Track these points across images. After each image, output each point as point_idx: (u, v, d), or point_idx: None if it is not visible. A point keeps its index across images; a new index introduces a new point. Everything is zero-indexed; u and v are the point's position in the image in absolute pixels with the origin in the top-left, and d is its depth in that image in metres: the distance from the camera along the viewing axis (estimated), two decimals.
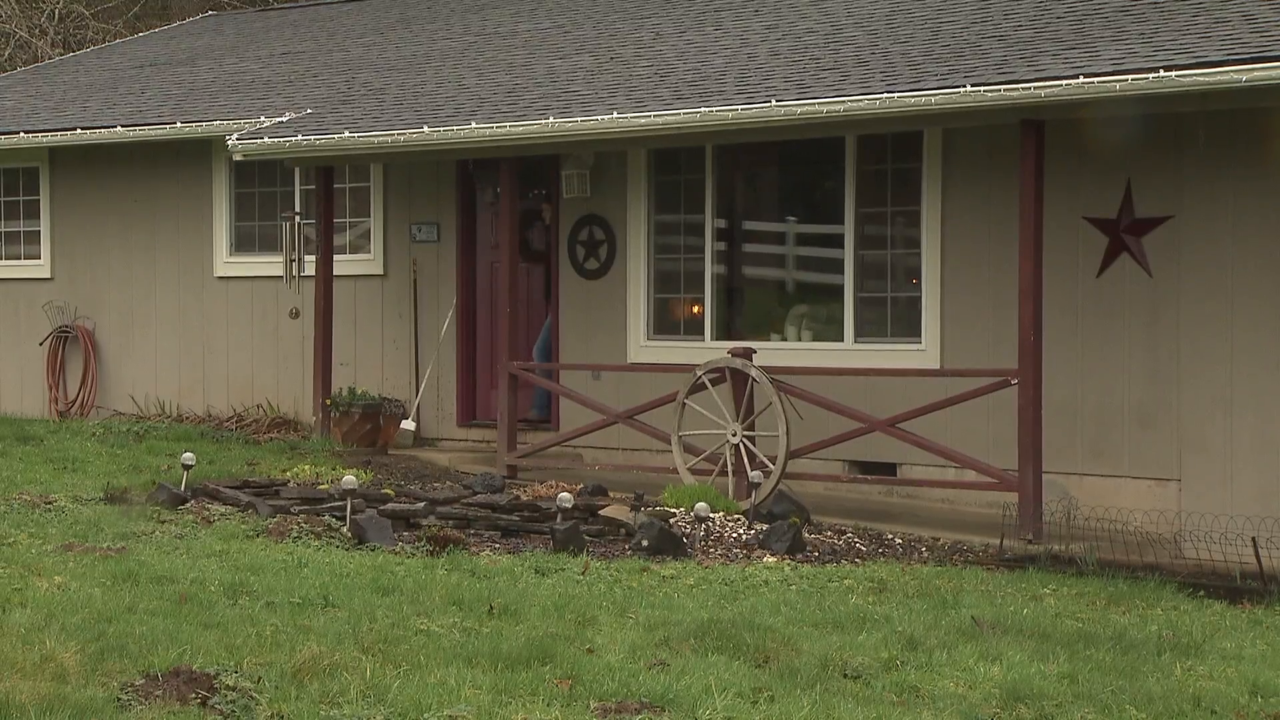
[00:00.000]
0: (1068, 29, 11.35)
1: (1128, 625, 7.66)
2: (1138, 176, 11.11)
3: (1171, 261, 10.98)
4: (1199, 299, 10.83)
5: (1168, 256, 11.00)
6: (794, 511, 10.65)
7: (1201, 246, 10.83)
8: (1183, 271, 10.91)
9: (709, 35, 14.02)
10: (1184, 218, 10.92)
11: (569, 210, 14.01)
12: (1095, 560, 9.39)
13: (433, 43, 16.53)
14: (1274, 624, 7.92)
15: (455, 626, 6.88)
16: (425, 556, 8.88)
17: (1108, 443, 11.21)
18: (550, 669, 6.18)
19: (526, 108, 12.94)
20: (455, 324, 14.57)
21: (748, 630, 6.99)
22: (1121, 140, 11.11)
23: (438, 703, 5.59)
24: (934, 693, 6.22)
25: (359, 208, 15.27)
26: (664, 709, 5.75)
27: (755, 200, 13.69)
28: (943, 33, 12.17)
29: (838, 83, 11.40)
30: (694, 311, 13.40)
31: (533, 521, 10.07)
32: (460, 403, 14.63)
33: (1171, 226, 10.99)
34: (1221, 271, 10.74)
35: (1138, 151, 11.09)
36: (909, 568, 9.38)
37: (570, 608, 7.42)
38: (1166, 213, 11.01)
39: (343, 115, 14.20)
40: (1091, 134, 11.16)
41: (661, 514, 10.42)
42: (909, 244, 12.34)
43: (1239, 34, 10.15)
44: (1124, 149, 11.14)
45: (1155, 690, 6.28)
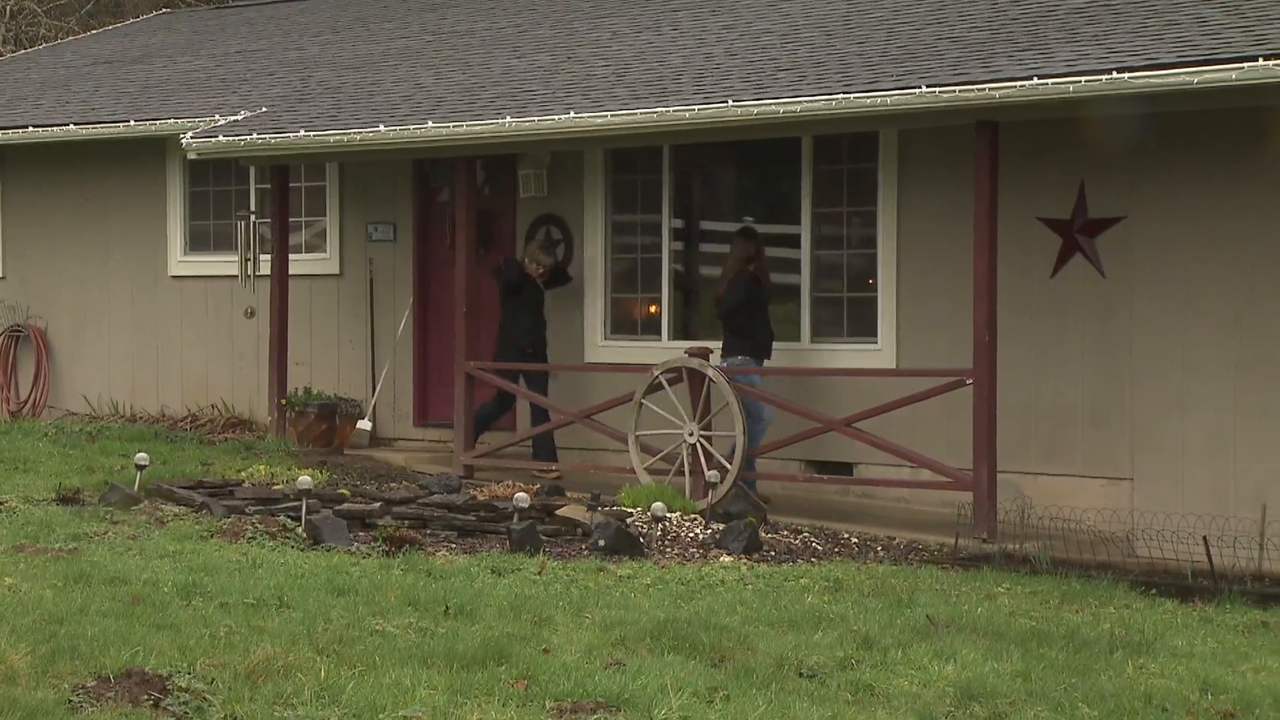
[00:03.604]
0: (1022, 31, 11.41)
1: (1081, 623, 7.71)
2: (1091, 177, 11.19)
3: (1124, 262, 11.06)
4: (1151, 299, 10.91)
5: (1121, 257, 11.08)
6: (750, 511, 10.67)
7: (1154, 247, 10.91)
8: (1135, 272, 10.99)
9: (666, 35, 14.03)
10: (1136, 218, 11.00)
11: (526, 210, 14.00)
12: (1049, 559, 9.45)
13: (389, 41, 16.48)
14: (1225, 622, 7.99)
15: (411, 627, 6.86)
16: (381, 557, 8.85)
17: (1062, 442, 11.28)
18: (506, 669, 6.17)
19: (483, 107, 12.92)
20: (412, 323, 14.53)
21: (704, 630, 7.00)
22: (1075, 141, 11.19)
23: (393, 703, 5.57)
24: (889, 691, 6.24)
25: (315, 207, 15.21)
26: (619, 709, 5.74)
27: (712, 200, 13.70)
28: (899, 34, 12.22)
29: (794, 83, 11.43)
30: (651, 311, 13.41)
31: (489, 522, 10.06)
32: (417, 402, 14.59)
33: (1124, 227, 11.07)
34: (1173, 272, 10.82)
35: (1091, 152, 11.17)
36: (865, 567, 9.41)
37: (526, 608, 7.41)
38: (1119, 213, 11.09)
39: (298, 114, 14.13)
40: (1046, 135, 11.24)
41: (618, 514, 10.42)
42: (865, 244, 12.39)
43: (1190, 36, 10.24)
44: (1078, 150, 11.21)
45: (1107, 688, 6.32)
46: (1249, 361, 10.49)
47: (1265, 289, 10.46)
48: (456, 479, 11.57)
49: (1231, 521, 9.84)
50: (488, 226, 14.13)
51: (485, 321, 13.76)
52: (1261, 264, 10.47)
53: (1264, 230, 10.47)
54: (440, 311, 14.35)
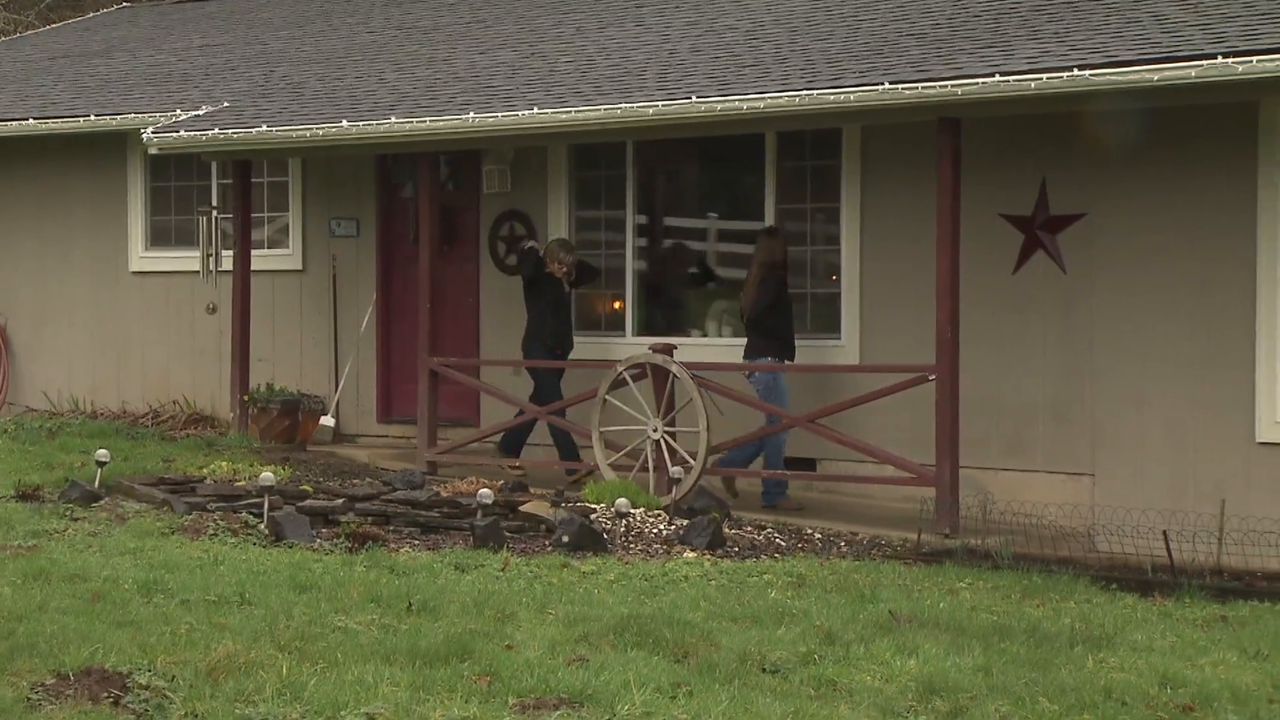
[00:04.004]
0: (984, 28, 11.46)
1: (1042, 618, 7.75)
2: (1053, 174, 11.24)
3: (1085, 258, 11.12)
4: (1111, 295, 10.97)
5: (1082, 253, 11.14)
6: (714, 507, 10.69)
7: (1114, 243, 10.97)
8: (1096, 268, 11.05)
9: (630, 31, 14.03)
10: (1097, 215, 11.07)
11: (489, 205, 13.98)
12: (1011, 554, 9.49)
13: (353, 37, 16.42)
14: (1184, 616, 8.04)
15: (374, 624, 6.84)
16: (344, 553, 8.82)
17: (1023, 438, 11.33)
18: (469, 665, 6.16)
19: (447, 103, 12.88)
20: (375, 320, 14.49)
21: (667, 625, 7.00)
22: (1037, 138, 11.24)
23: (355, 700, 5.55)
24: (851, 686, 6.26)
25: (277, 202, 15.15)
26: (583, 704, 5.74)
27: (676, 196, 13.71)
28: (862, 31, 12.25)
29: (758, 80, 11.45)
30: (615, 307, 13.41)
31: (453, 518, 10.04)
32: (380, 399, 14.55)
33: (1085, 224, 11.13)
34: (1133, 268, 10.89)
35: (1053, 149, 11.22)
36: (828, 562, 9.44)
37: (490, 604, 7.41)
38: (1080, 210, 11.15)
39: (261, 109, 14.06)
40: (1008, 132, 11.29)
41: (582, 510, 10.42)
42: (829, 240, 12.42)
43: (1150, 34, 10.30)
44: (1039, 147, 11.27)
45: (1068, 682, 6.35)
46: (1207, 356, 10.57)
47: (1222, 284, 10.53)
48: (420, 475, 11.54)
49: (1191, 516, 9.90)
50: (451, 222, 14.10)
51: (448, 317, 13.74)
52: (1218, 259, 10.55)
53: (1220, 226, 10.54)
54: (404, 307, 14.32)
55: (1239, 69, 9.19)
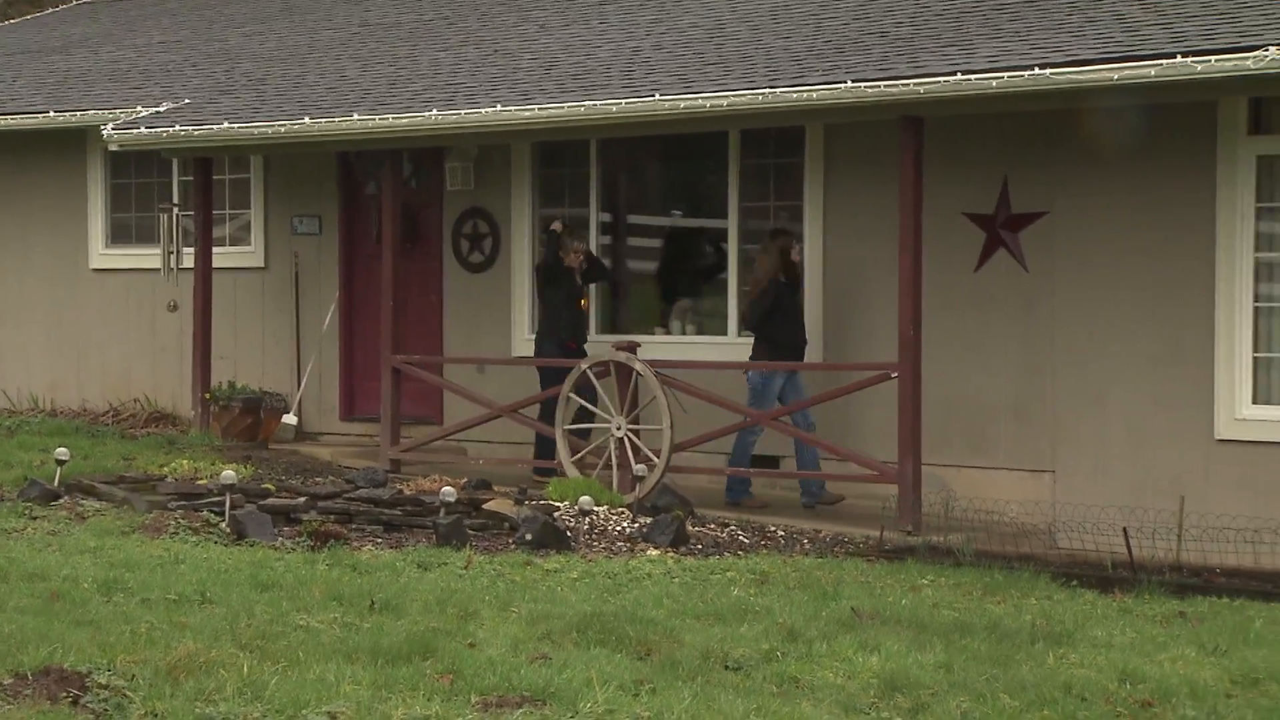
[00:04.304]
0: (946, 26, 11.49)
1: (1003, 615, 7.78)
2: (1014, 173, 11.29)
3: (1046, 257, 11.17)
4: (1072, 293, 11.02)
5: (1043, 251, 11.19)
6: (677, 505, 10.70)
7: (1074, 241, 11.03)
8: (1057, 266, 11.11)
9: (594, 29, 14.02)
10: (1058, 213, 11.12)
11: (453, 203, 13.95)
12: (972, 551, 9.54)
13: (315, 33, 16.35)
14: (1143, 612, 8.09)
15: (335, 622, 6.81)
16: (306, 552, 8.79)
17: (985, 435, 11.38)
18: (431, 664, 6.14)
19: (410, 100, 12.85)
20: (338, 317, 14.44)
21: (630, 623, 7.00)
22: (999, 137, 11.29)
23: (316, 699, 5.53)
24: (813, 683, 6.27)
25: (239, 199, 15.08)
26: (545, 702, 5.73)
27: (640, 194, 13.72)
28: (825, 29, 12.28)
29: (721, 77, 11.46)
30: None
31: (416, 516, 10.01)
32: (343, 397, 14.51)
33: (1046, 222, 11.18)
34: (1093, 266, 10.94)
35: (1015, 148, 11.27)
36: (791, 559, 9.46)
37: (452, 602, 7.39)
38: (1042, 208, 11.20)
39: (222, 106, 14.00)
40: (970, 130, 11.33)
41: (545, 508, 10.41)
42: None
43: (1111, 33, 10.35)
44: (1001, 145, 11.32)
45: (1028, 678, 6.38)
46: (1165, 353, 10.63)
47: (1182, 282, 10.60)
48: (383, 473, 11.50)
49: (1151, 513, 9.97)
50: (414, 220, 14.06)
51: (411, 315, 13.70)
52: (1178, 257, 10.61)
53: (1177, 223, 10.61)
54: (366, 305, 14.27)
55: (1198, 68, 9.25)
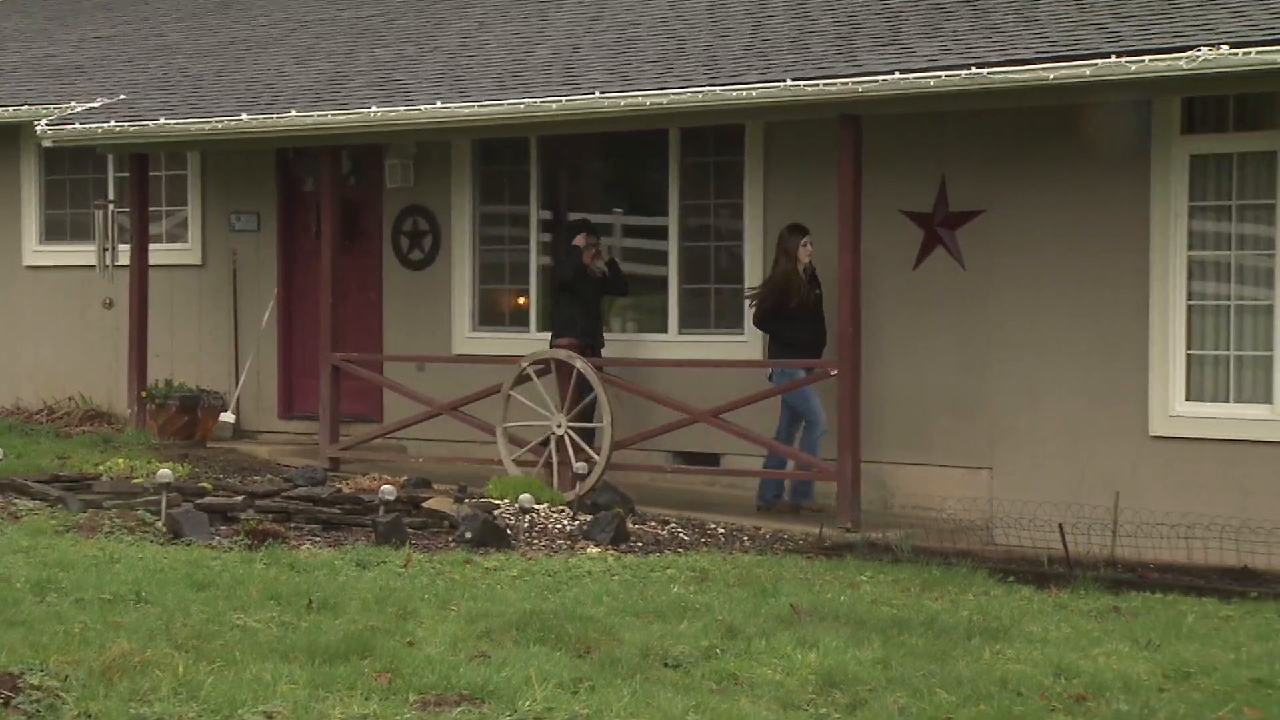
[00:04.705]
0: (884, 25, 11.56)
1: (940, 610, 7.83)
2: (952, 171, 11.37)
3: (984, 254, 11.25)
4: (1008, 291, 11.11)
5: (981, 249, 11.27)
6: (618, 502, 10.70)
7: (1011, 239, 11.12)
8: (994, 264, 11.19)
9: (533, 26, 13.99)
10: (995, 212, 11.20)
11: (392, 200, 13.89)
12: (910, 547, 9.59)
13: (252, 29, 16.23)
14: (1079, 608, 8.16)
15: (273, 621, 6.77)
16: (243, 551, 8.72)
17: (923, 432, 11.44)
18: (369, 662, 6.11)
19: (348, 96, 12.78)
20: (276, 315, 14.35)
21: (570, 621, 6.99)
22: (937, 135, 11.36)
23: (252, 699, 5.49)
24: (752, 680, 6.28)
25: (176, 196, 14.96)
26: (484, 700, 5.71)
27: (580, 192, 13.70)
28: (764, 27, 12.31)
29: (661, 75, 11.47)
30: (519, 303, 13.38)
31: (355, 514, 9.97)
32: (281, 395, 14.42)
33: (984, 220, 11.26)
34: (1030, 264, 11.04)
35: (952, 146, 11.35)
36: (730, 557, 9.48)
37: (391, 601, 7.36)
38: (979, 207, 11.28)
39: (158, 101, 13.88)
40: (908, 129, 11.39)
41: (486, 506, 10.39)
42: (732, 236, 12.47)
43: (1047, 33, 10.44)
44: (940, 144, 11.39)
45: (965, 673, 6.42)
46: (1101, 350, 10.74)
47: (1117, 280, 10.70)
48: (322, 471, 11.46)
49: (1086, 509, 10.07)
50: (353, 217, 13.99)
51: (351, 312, 13.64)
52: (1111, 254, 10.72)
53: (1112, 222, 10.71)
54: (305, 303, 14.19)
55: (1132, 68, 9.35)
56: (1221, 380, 10.44)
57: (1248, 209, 10.36)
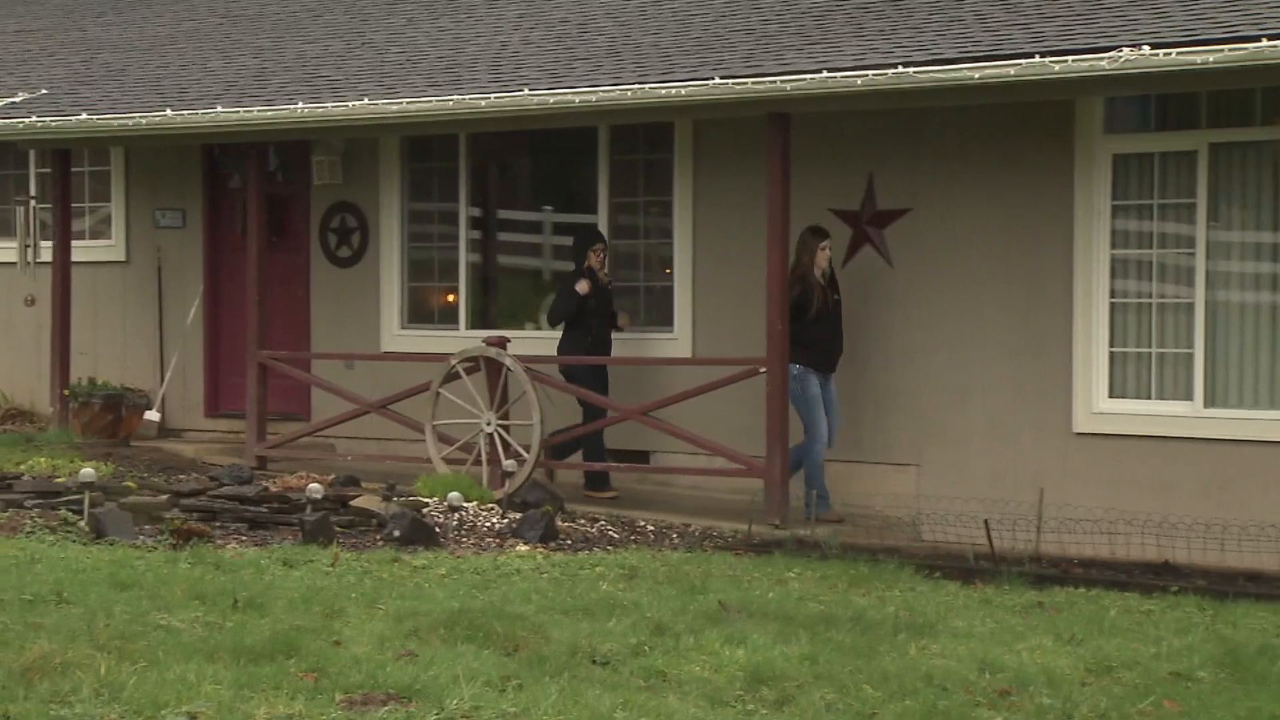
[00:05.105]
0: (813, 24, 11.61)
1: (867, 606, 7.87)
2: (880, 170, 11.44)
3: (912, 252, 11.32)
4: (936, 289, 11.19)
5: (908, 247, 11.34)
6: (548, 500, 10.69)
7: (939, 237, 11.20)
8: (921, 262, 11.27)
9: (462, 22, 13.94)
10: (922, 210, 11.29)
11: (320, 197, 13.80)
12: (838, 544, 9.64)
13: (176, 24, 16.06)
14: (1003, 603, 8.23)
15: (197, 621, 6.71)
16: (168, 550, 8.64)
17: (852, 430, 11.49)
18: (295, 662, 6.07)
19: (275, 92, 12.69)
20: (202, 312, 14.22)
21: (498, 619, 6.97)
22: (865, 134, 11.43)
23: (176, 699, 5.44)
24: (680, 677, 6.29)
25: (99, 192, 14.79)
26: (411, 700, 5.69)
27: (510, 189, 13.67)
28: (693, 25, 12.33)
29: (590, 73, 11.46)
30: (448, 300, 13.33)
31: (282, 513, 9.90)
32: (208, 393, 14.30)
33: (912, 218, 11.34)
34: (957, 262, 11.12)
35: (880, 145, 11.42)
36: (660, 554, 9.49)
37: (318, 600, 7.31)
38: (907, 205, 11.35)
39: (81, 97, 13.71)
40: (837, 128, 11.45)
41: (414, 504, 10.35)
42: (662, 234, 12.48)
43: (972, 33, 10.53)
44: (867, 143, 11.46)
45: (891, 669, 6.46)
46: (1026, 348, 10.84)
47: (1040, 277, 10.81)
48: (248, 470, 11.37)
49: (1012, 505, 10.16)
50: (280, 214, 13.89)
51: (278, 310, 13.53)
52: (1036, 252, 10.82)
53: (1037, 220, 10.82)
54: (232, 300, 14.07)
55: (1055, 68, 9.44)
56: (1144, 377, 10.58)
57: (1169, 208, 10.50)
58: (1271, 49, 8.85)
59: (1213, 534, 9.65)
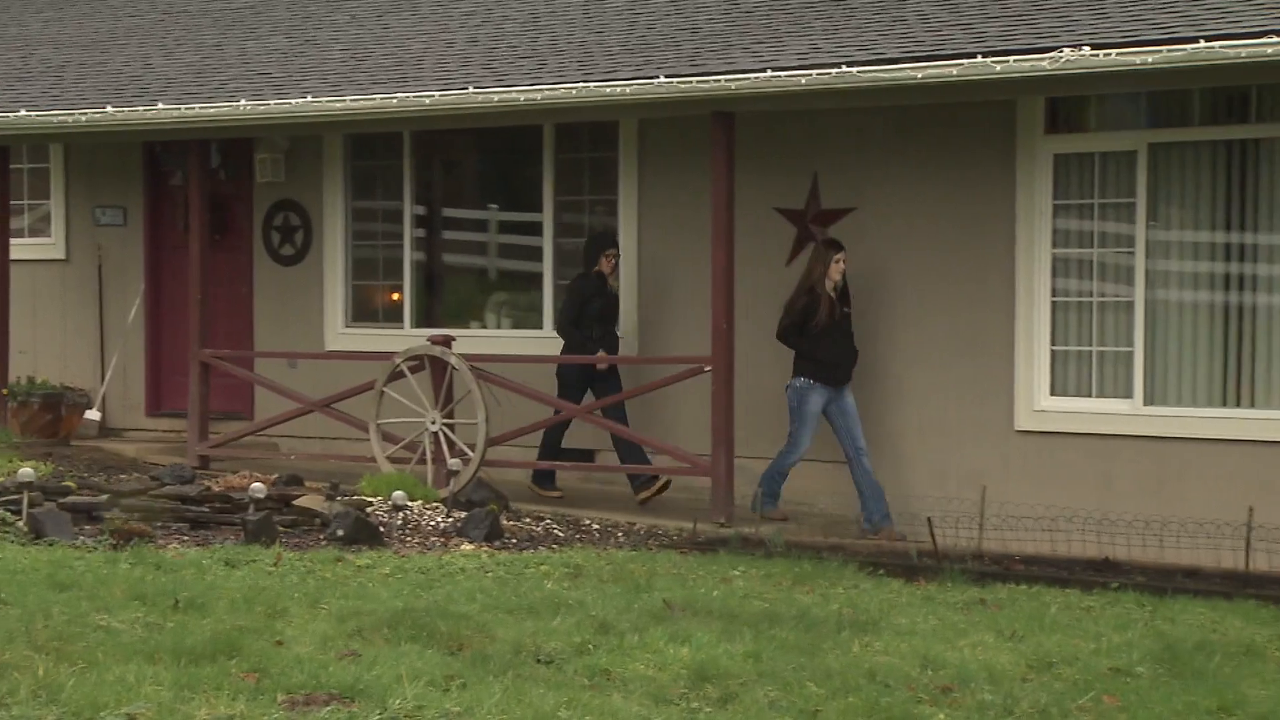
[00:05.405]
0: (757, 23, 11.64)
1: (811, 604, 7.90)
2: (825, 169, 11.48)
3: (855, 252, 11.34)
4: (880, 287, 11.22)
5: (852, 246, 11.35)
6: (493, 499, 10.67)
7: (882, 236, 11.26)
8: (865, 261, 11.29)
9: (406, 20, 13.89)
10: (867, 209, 11.34)
11: (263, 195, 13.71)
12: (783, 542, 9.67)
13: (117, 19, 15.92)
14: (946, 600, 8.28)
15: (137, 622, 6.65)
16: (108, 551, 8.56)
17: None
18: (237, 662, 6.04)
19: (217, 89, 12.60)
20: (144, 310, 14.11)
21: (442, 618, 6.96)
22: (810, 133, 11.47)
23: (115, 700, 5.39)
24: (625, 675, 6.30)
25: (38, 189, 14.64)
26: (353, 700, 5.67)
27: (455, 187, 13.64)
28: (638, 24, 12.34)
29: (535, 71, 11.45)
30: (393, 299, 13.28)
31: (224, 513, 9.82)
32: (149, 392, 14.18)
33: (856, 217, 11.39)
34: (900, 261, 11.18)
35: (825, 144, 11.46)
36: (605, 552, 9.49)
37: (260, 600, 7.27)
38: (851, 204, 11.40)
39: (20, 93, 13.56)
40: (781, 127, 11.49)
41: (358, 503, 10.30)
42: None
43: (915, 33, 10.59)
44: (812, 142, 11.50)
45: (834, 666, 6.49)
46: (969, 346, 10.91)
47: (982, 276, 10.89)
48: (190, 470, 11.29)
49: (955, 503, 10.22)
50: (223, 211, 13.80)
51: (221, 308, 13.44)
52: (978, 251, 10.89)
53: (979, 219, 10.89)
54: (174, 298, 13.96)
55: (997, 68, 9.50)
56: (1085, 375, 10.67)
57: (1109, 207, 10.59)
58: (1208, 50, 8.94)
59: (1152, 531, 9.75)
